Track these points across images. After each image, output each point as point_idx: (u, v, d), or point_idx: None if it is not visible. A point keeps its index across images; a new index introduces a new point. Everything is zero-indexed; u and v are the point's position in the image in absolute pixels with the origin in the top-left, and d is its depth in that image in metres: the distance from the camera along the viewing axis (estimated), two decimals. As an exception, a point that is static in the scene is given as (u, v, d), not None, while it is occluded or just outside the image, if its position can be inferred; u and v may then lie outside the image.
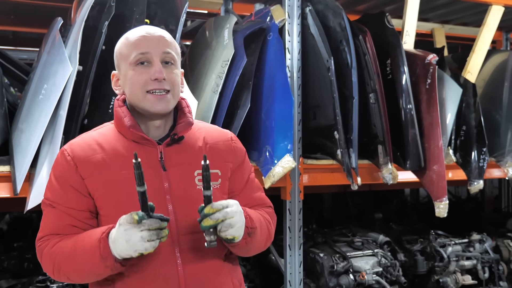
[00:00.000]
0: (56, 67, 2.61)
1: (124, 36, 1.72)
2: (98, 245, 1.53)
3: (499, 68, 4.22)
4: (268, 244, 1.84)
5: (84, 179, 1.64)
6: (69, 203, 1.63)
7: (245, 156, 1.86)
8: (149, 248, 1.48)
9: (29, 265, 3.47)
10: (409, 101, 3.25)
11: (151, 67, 1.63)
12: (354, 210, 5.41)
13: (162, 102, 1.64)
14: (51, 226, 1.65)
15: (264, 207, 1.87)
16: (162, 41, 1.67)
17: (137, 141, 1.67)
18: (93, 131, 1.77)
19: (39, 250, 1.66)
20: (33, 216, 5.18)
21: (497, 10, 3.96)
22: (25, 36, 5.37)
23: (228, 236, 1.55)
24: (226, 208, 1.54)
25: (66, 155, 1.66)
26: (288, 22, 3.21)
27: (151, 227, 1.47)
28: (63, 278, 1.63)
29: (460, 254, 4.00)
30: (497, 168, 3.99)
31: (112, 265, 1.53)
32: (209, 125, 1.90)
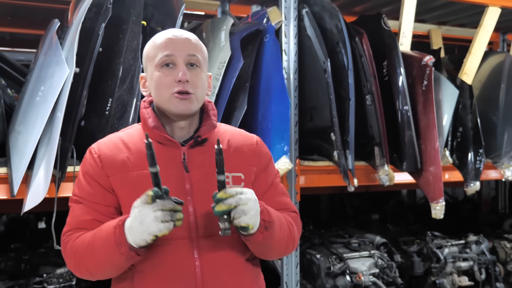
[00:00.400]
0: (53, 69, 2.61)
1: (152, 39, 1.75)
2: (113, 232, 1.54)
3: (495, 69, 4.22)
4: (291, 247, 1.80)
5: (109, 176, 1.67)
6: (95, 199, 1.67)
7: (270, 161, 1.85)
8: (163, 230, 1.47)
9: (26, 266, 3.47)
10: (406, 103, 3.26)
11: (176, 69, 1.65)
12: (351, 211, 5.43)
13: (185, 103, 1.66)
14: (76, 221, 1.67)
15: (288, 212, 1.84)
16: (187, 44, 1.69)
17: (161, 142, 1.68)
18: (121, 131, 1.81)
19: (63, 245, 1.68)
20: (30, 218, 5.18)
21: (494, 11, 3.97)
22: (23, 37, 5.37)
23: (241, 223, 1.52)
24: (240, 195, 1.53)
25: (93, 153, 1.71)
26: (285, 24, 3.22)
27: (165, 208, 1.47)
28: (83, 271, 1.64)
29: (456, 255, 4.01)
30: (493, 169, 4.00)
31: (127, 253, 1.53)
32: (235, 128, 1.90)
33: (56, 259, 3.52)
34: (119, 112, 2.60)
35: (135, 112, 2.58)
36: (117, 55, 2.71)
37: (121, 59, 2.67)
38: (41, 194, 2.49)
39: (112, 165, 1.67)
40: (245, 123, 2.94)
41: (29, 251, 3.68)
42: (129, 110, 2.58)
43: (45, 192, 2.49)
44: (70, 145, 2.59)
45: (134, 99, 2.59)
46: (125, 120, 2.57)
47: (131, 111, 2.58)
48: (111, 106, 2.63)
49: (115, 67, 2.69)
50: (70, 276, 3.13)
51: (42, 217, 5.27)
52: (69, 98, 2.51)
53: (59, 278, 3.10)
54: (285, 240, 1.74)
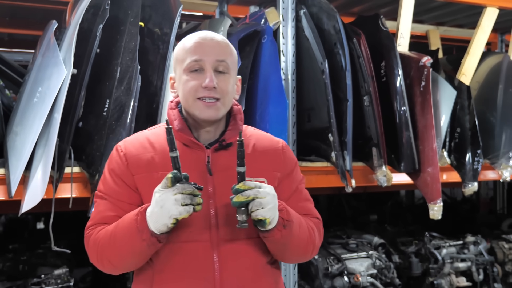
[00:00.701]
0: (50, 70, 2.62)
1: (182, 41, 1.74)
2: (135, 219, 1.56)
3: (493, 70, 4.23)
4: (310, 251, 1.78)
5: (133, 175, 1.68)
6: (120, 196, 1.69)
7: (295, 166, 1.84)
8: (184, 212, 1.49)
9: (24, 267, 3.46)
10: (403, 104, 3.26)
11: (203, 74, 1.65)
12: (349, 212, 5.43)
13: (211, 109, 1.66)
14: (100, 216, 1.69)
15: (311, 218, 1.83)
16: (216, 49, 1.68)
17: (186, 144, 1.69)
18: (148, 130, 1.81)
19: (86, 238, 1.70)
20: (29, 218, 5.18)
21: (492, 12, 3.98)
22: (21, 38, 5.37)
23: (258, 216, 1.53)
24: (258, 188, 1.54)
25: (120, 151, 1.72)
26: (283, 25, 3.22)
27: (184, 191, 1.50)
28: (106, 263, 1.66)
29: (454, 256, 4.02)
30: (491, 170, 4.01)
31: (148, 239, 1.54)
32: (262, 132, 1.88)
33: (54, 260, 3.52)
34: (117, 113, 2.60)
35: (132, 113, 2.58)
36: (114, 56, 2.71)
37: (119, 60, 2.67)
38: (38, 195, 2.49)
39: (137, 164, 1.69)
40: (242, 124, 2.94)
41: (27, 252, 3.67)
42: (126, 111, 2.58)
43: (42, 193, 2.49)
44: (67, 146, 2.59)
45: (131, 100, 2.59)
46: (123, 121, 2.57)
47: (129, 112, 2.58)
48: (109, 107, 2.63)
49: (112, 68, 2.70)
50: (68, 277, 3.14)
51: (40, 217, 5.28)
52: (67, 99, 2.51)
53: (57, 279, 3.10)
54: (304, 242, 1.73)
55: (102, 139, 2.61)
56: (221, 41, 1.71)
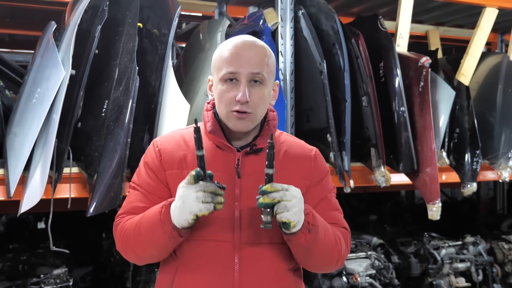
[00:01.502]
0: (49, 71, 2.63)
1: (221, 47, 1.74)
2: (160, 211, 1.60)
3: (493, 70, 4.23)
4: (335, 260, 1.75)
5: (166, 171, 1.72)
6: (151, 189, 1.73)
7: (326, 175, 1.83)
8: (204, 210, 1.51)
9: (23, 267, 3.48)
10: (402, 104, 3.26)
11: (238, 86, 1.66)
12: (349, 212, 5.42)
13: (243, 122, 1.67)
14: (131, 206, 1.74)
15: (338, 227, 1.80)
16: (252, 61, 1.67)
17: (218, 146, 1.72)
18: (185, 129, 1.85)
19: (115, 226, 1.75)
20: (29, 218, 5.19)
21: (491, 12, 3.98)
22: (22, 38, 5.39)
23: (283, 218, 1.53)
24: (285, 190, 1.54)
25: (155, 146, 1.77)
26: (281, 25, 3.23)
27: (206, 189, 1.52)
28: (130, 252, 1.71)
29: (453, 256, 4.02)
30: (491, 170, 4.01)
31: (170, 232, 1.58)
32: (296, 140, 1.87)
33: (53, 260, 3.54)
34: (115, 114, 2.60)
35: (130, 114, 2.59)
36: (113, 57, 2.72)
37: (117, 61, 2.68)
38: (37, 196, 2.50)
39: (170, 161, 1.73)
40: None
41: (27, 251, 3.69)
42: (124, 112, 2.59)
43: (41, 194, 2.50)
44: (66, 146, 2.60)
45: (129, 101, 2.60)
46: (121, 122, 2.58)
47: (127, 112, 2.59)
48: (107, 108, 2.64)
49: (111, 69, 2.70)
50: (67, 276, 3.15)
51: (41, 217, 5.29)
52: (65, 100, 2.52)
53: (56, 279, 3.11)
54: (330, 250, 1.71)
55: (100, 139, 2.62)
56: (258, 50, 1.70)
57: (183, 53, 3.65)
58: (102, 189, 2.56)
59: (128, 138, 2.57)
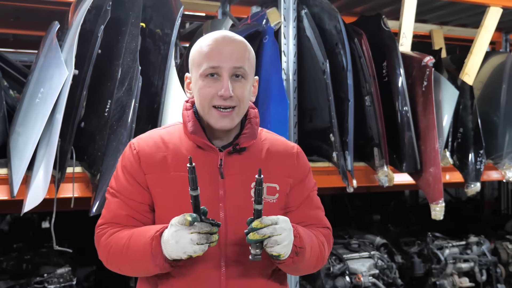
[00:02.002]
0: (52, 71, 2.63)
1: (199, 42, 1.68)
2: (150, 243, 1.54)
3: (497, 69, 4.22)
4: (319, 266, 1.78)
5: (145, 174, 1.66)
6: (131, 195, 1.67)
7: (308, 173, 1.80)
8: (198, 251, 1.49)
9: (27, 266, 3.49)
10: (405, 104, 3.26)
11: (220, 81, 1.61)
12: (352, 211, 5.42)
13: (226, 119, 1.63)
14: (111, 215, 1.68)
15: (320, 227, 1.80)
16: (234, 55, 1.62)
17: (199, 146, 1.67)
18: (163, 128, 1.79)
19: (97, 237, 1.69)
20: (33, 217, 5.21)
21: (495, 11, 3.97)
22: (25, 38, 5.41)
23: (273, 252, 1.52)
24: (275, 225, 1.51)
25: (133, 149, 1.70)
26: (284, 25, 3.23)
27: (201, 231, 1.48)
28: (115, 268, 1.67)
29: (457, 256, 4.01)
30: (494, 170, 3.99)
31: (161, 264, 1.54)
32: (276, 136, 1.84)
33: (57, 259, 3.55)
34: (118, 114, 2.61)
35: (133, 114, 2.59)
36: (116, 57, 2.73)
37: (120, 61, 2.69)
38: (40, 195, 2.51)
39: (149, 163, 1.67)
40: (244, 124, 2.94)
41: (31, 251, 3.70)
42: (127, 112, 2.59)
43: (44, 193, 2.51)
44: (69, 146, 2.61)
45: (132, 101, 2.60)
46: (124, 121, 2.59)
47: (130, 112, 2.59)
48: (110, 107, 2.64)
49: (114, 69, 2.71)
50: (70, 276, 3.16)
51: (46, 216, 5.31)
52: (69, 99, 2.53)
53: (60, 278, 3.12)
54: (315, 262, 1.72)
55: (103, 139, 2.63)
56: (239, 44, 1.65)
57: (186, 52, 3.66)
58: (105, 189, 2.56)
59: (131, 137, 2.57)
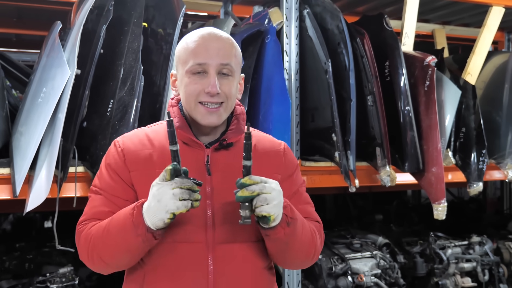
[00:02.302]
0: (54, 71, 2.64)
1: (185, 39, 1.68)
2: (131, 213, 1.52)
3: (499, 69, 4.21)
4: (311, 255, 1.74)
5: (130, 171, 1.65)
6: (115, 192, 1.65)
7: (296, 169, 1.80)
8: (181, 207, 1.45)
9: (30, 265, 3.50)
10: (408, 103, 3.25)
11: (207, 78, 1.60)
12: (354, 211, 5.42)
13: (213, 116, 1.62)
14: (94, 211, 1.65)
15: (311, 221, 1.78)
16: (221, 52, 1.62)
17: (186, 143, 1.65)
18: (148, 127, 1.77)
19: (77, 233, 1.65)
20: (36, 217, 5.22)
21: (498, 11, 3.95)
22: (28, 38, 5.42)
23: (263, 212, 1.48)
24: (264, 183, 1.49)
25: (117, 146, 1.68)
26: (286, 25, 3.23)
27: (183, 185, 1.45)
28: (97, 260, 1.61)
29: (459, 256, 4.00)
30: (497, 170, 3.99)
31: (144, 234, 1.50)
32: (263, 134, 1.83)
33: (59, 259, 3.55)
34: (120, 113, 2.61)
35: (135, 113, 2.60)
36: (118, 56, 2.73)
37: (122, 61, 2.69)
38: (43, 195, 2.52)
39: (134, 161, 1.65)
40: (246, 124, 2.94)
41: (33, 250, 3.71)
42: (129, 111, 2.60)
43: (47, 193, 2.52)
44: (71, 145, 2.61)
45: (134, 101, 2.61)
46: (126, 121, 2.59)
47: (132, 112, 2.60)
48: (112, 107, 2.65)
49: (116, 69, 2.71)
50: (72, 275, 3.16)
51: (48, 216, 5.32)
52: (71, 99, 2.54)
53: (62, 278, 3.12)
54: (307, 244, 1.69)
55: (105, 139, 2.63)
56: (226, 41, 1.65)
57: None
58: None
59: (133, 137, 2.57)
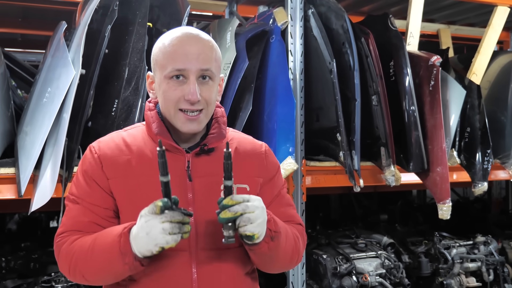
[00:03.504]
0: (59, 71, 2.65)
1: (162, 40, 1.60)
2: (118, 240, 1.47)
3: (504, 69, 4.19)
4: (295, 260, 1.73)
5: (108, 179, 1.60)
6: (94, 200, 1.59)
7: (277, 171, 1.78)
8: (171, 242, 1.41)
9: (35, 265, 3.50)
10: (412, 103, 3.25)
11: (186, 85, 1.55)
12: (359, 211, 5.41)
13: (193, 123, 1.57)
14: (72, 222, 1.60)
15: (294, 224, 1.76)
16: (201, 57, 1.55)
17: (166, 148, 1.55)
18: (124, 130, 1.72)
19: (57, 247, 1.60)
20: (41, 217, 5.24)
21: (503, 11, 3.95)
22: (33, 38, 5.43)
23: (247, 232, 1.45)
24: (246, 202, 1.45)
25: (93, 152, 1.63)
26: (291, 25, 3.23)
27: (173, 219, 1.40)
28: (79, 277, 1.56)
29: (464, 256, 3.98)
30: (502, 169, 3.97)
31: (131, 263, 1.46)
32: (243, 135, 1.80)
33: (64, 258, 3.55)
34: (125, 113, 2.62)
35: (140, 113, 2.61)
36: (123, 56, 2.74)
37: (127, 61, 2.70)
38: (47, 194, 2.52)
39: (112, 168, 1.60)
40: (250, 124, 2.95)
41: (39, 250, 3.71)
42: (134, 111, 2.60)
43: (51, 192, 2.52)
44: (76, 145, 2.62)
45: (139, 100, 2.62)
46: (131, 121, 2.60)
47: (137, 112, 2.61)
48: (117, 107, 2.66)
49: (121, 69, 2.72)
50: (77, 275, 3.16)
51: (54, 216, 5.34)
52: (76, 99, 2.54)
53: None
54: (290, 253, 1.67)
55: (110, 138, 2.63)
56: (205, 44, 1.59)
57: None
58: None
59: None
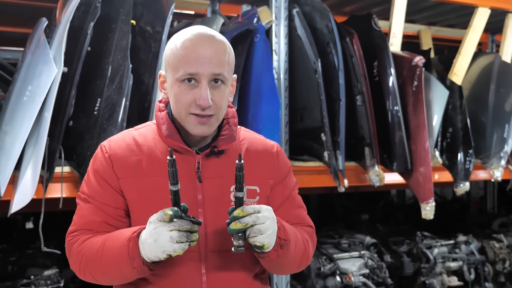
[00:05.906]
0: (40, 68, 2.58)
1: (174, 41, 1.57)
2: (127, 245, 1.47)
3: (485, 70, 4.24)
4: (303, 265, 1.72)
5: (119, 178, 1.59)
6: (105, 199, 1.59)
7: (289, 172, 1.75)
8: (178, 250, 1.41)
9: (13, 268, 3.43)
10: (396, 103, 3.26)
11: (198, 89, 1.52)
12: (340, 211, 5.43)
13: (204, 126, 1.55)
14: (84, 221, 1.59)
15: (304, 226, 1.75)
16: (214, 60, 1.52)
17: (176, 150, 1.58)
18: (135, 129, 1.70)
19: (68, 245, 1.60)
20: (17, 218, 5.13)
21: (483, 12, 3.99)
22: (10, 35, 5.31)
23: (256, 242, 1.45)
24: (257, 213, 1.45)
25: (104, 152, 1.61)
26: (275, 24, 3.21)
27: (181, 228, 1.41)
28: (89, 277, 1.58)
29: (446, 255, 4.03)
30: (483, 169, 4.02)
31: (139, 267, 1.47)
32: (255, 135, 1.76)
33: (43, 261, 3.49)
34: (108, 112, 2.57)
35: (124, 112, 2.56)
36: (106, 54, 2.69)
37: (110, 59, 2.65)
38: (28, 195, 2.47)
39: (123, 167, 1.59)
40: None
41: (16, 252, 3.63)
42: (118, 110, 2.56)
43: (32, 193, 2.47)
44: (58, 145, 2.56)
45: (123, 99, 2.57)
46: (114, 120, 2.55)
47: (120, 111, 2.56)
48: (100, 106, 2.60)
49: (103, 67, 2.67)
50: (58, 278, 3.10)
51: (29, 217, 5.23)
52: (57, 98, 2.49)
53: (47, 280, 3.07)
54: (299, 258, 1.66)
55: (93, 138, 2.59)
56: (219, 47, 1.56)
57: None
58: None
59: (122, 137, 2.53)
